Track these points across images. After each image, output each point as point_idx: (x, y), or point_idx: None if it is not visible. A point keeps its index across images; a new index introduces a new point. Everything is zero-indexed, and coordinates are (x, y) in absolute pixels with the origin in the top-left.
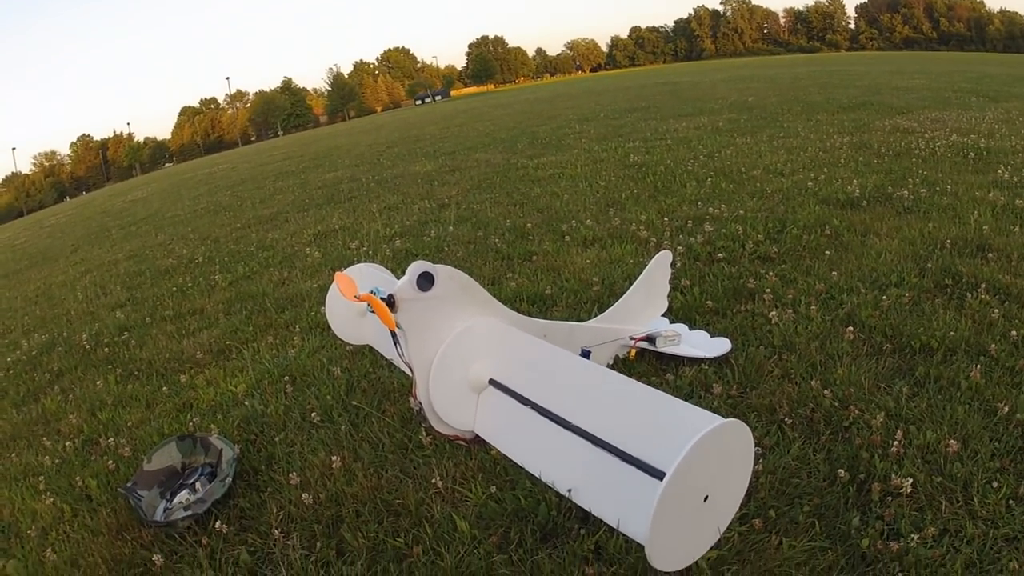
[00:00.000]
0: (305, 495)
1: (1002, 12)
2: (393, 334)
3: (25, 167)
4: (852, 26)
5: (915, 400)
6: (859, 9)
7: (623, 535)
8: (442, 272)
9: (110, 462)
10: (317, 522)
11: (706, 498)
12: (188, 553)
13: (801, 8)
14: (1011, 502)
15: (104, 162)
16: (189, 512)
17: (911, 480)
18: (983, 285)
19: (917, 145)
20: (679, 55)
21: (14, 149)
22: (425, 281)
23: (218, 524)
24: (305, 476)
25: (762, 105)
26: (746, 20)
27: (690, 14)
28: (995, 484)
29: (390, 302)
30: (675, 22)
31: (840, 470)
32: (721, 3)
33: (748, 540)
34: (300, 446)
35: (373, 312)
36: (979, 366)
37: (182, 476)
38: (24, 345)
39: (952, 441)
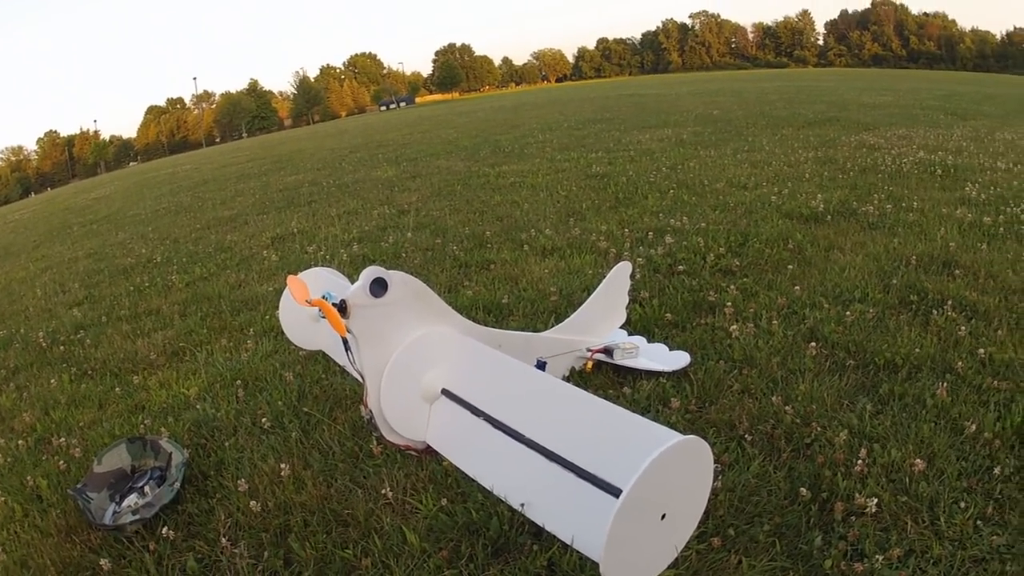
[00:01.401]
0: (253, 503)
1: (973, 31)
2: (344, 341)
3: None
4: (821, 42)
5: (879, 418)
6: (828, 25)
7: (577, 552)
8: (396, 278)
9: (61, 462)
10: (265, 531)
11: (663, 516)
12: (135, 558)
13: (770, 23)
14: (979, 522)
15: (70, 159)
16: (137, 516)
17: (875, 500)
18: (949, 302)
19: (883, 161)
20: (646, 68)
21: None
22: (378, 287)
23: (166, 530)
24: (254, 483)
25: (727, 119)
26: (714, 34)
27: (658, 27)
28: (962, 504)
29: (342, 308)
30: (642, 35)
31: (802, 488)
32: (689, 17)
33: (706, 559)
34: (250, 452)
35: (324, 318)
36: (945, 384)
37: (132, 479)
38: None
39: (918, 460)
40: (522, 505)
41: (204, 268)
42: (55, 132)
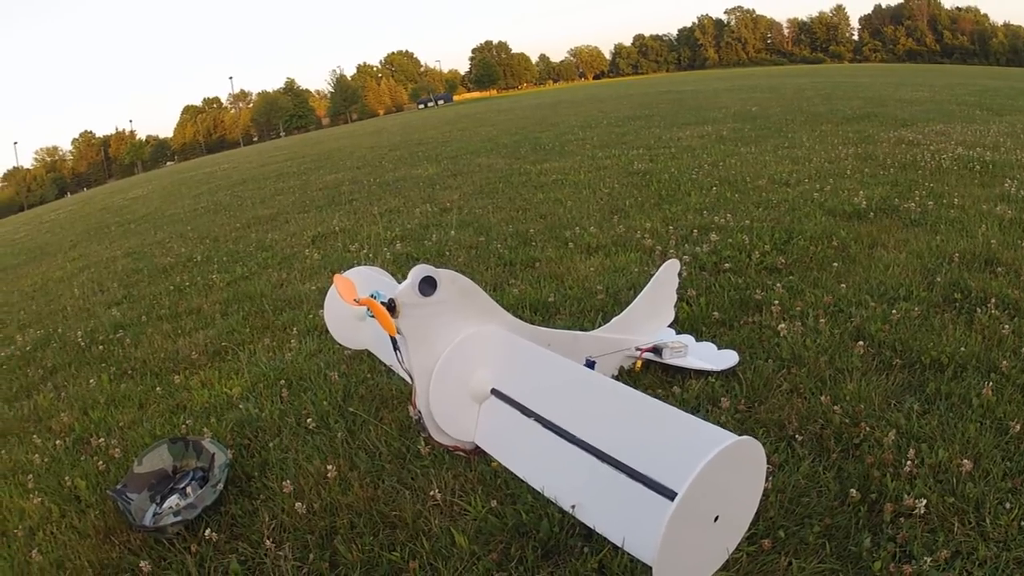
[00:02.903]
0: (299, 504)
1: (1006, 26)
2: (393, 340)
3: (27, 162)
4: (855, 37)
5: (926, 417)
6: (863, 20)
7: (628, 554)
8: (445, 277)
9: (100, 463)
10: (310, 532)
11: (716, 518)
12: (176, 560)
13: (805, 19)
14: (1023, 523)
15: (106, 159)
16: (179, 518)
17: (924, 501)
18: (992, 300)
19: (922, 157)
20: (682, 64)
21: (16, 143)
22: (427, 286)
23: (208, 532)
24: (299, 484)
25: (766, 115)
26: (750, 30)
27: (694, 23)
28: (1007, 505)
29: (391, 307)
30: (679, 31)
31: (852, 489)
32: (725, 12)
33: (757, 561)
34: (295, 453)
35: (373, 317)
36: (990, 383)
37: (173, 480)
38: (19, 340)
39: (965, 460)
40: (573, 507)
41: (245, 267)
42: (90, 132)
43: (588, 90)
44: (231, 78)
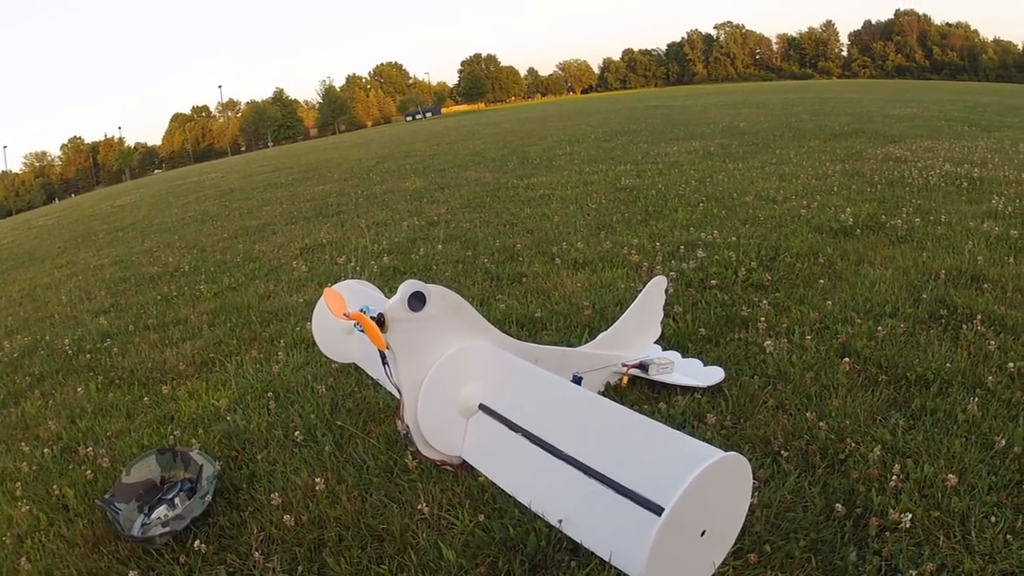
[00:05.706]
0: (287, 516)
1: (996, 41)
2: (382, 354)
3: (16, 166)
4: (845, 53)
5: (912, 433)
6: (852, 36)
7: (615, 569)
8: (434, 292)
9: (88, 472)
10: (299, 545)
11: (703, 533)
12: (165, 571)
13: (794, 34)
14: (1008, 536)
15: (94, 165)
16: (167, 528)
17: (909, 515)
18: (978, 316)
19: (910, 174)
20: (671, 79)
21: (5, 147)
22: (417, 301)
23: (197, 543)
24: (287, 497)
25: (754, 131)
26: (739, 45)
27: (683, 38)
28: (993, 519)
29: (380, 321)
30: (668, 45)
31: (837, 504)
32: (714, 28)
33: (743, 575)
34: (282, 465)
35: (362, 331)
36: (976, 399)
37: (161, 490)
38: (6, 347)
39: (950, 475)
40: (560, 521)
41: (232, 278)
42: (79, 138)
43: (576, 104)
44: (220, 87)
